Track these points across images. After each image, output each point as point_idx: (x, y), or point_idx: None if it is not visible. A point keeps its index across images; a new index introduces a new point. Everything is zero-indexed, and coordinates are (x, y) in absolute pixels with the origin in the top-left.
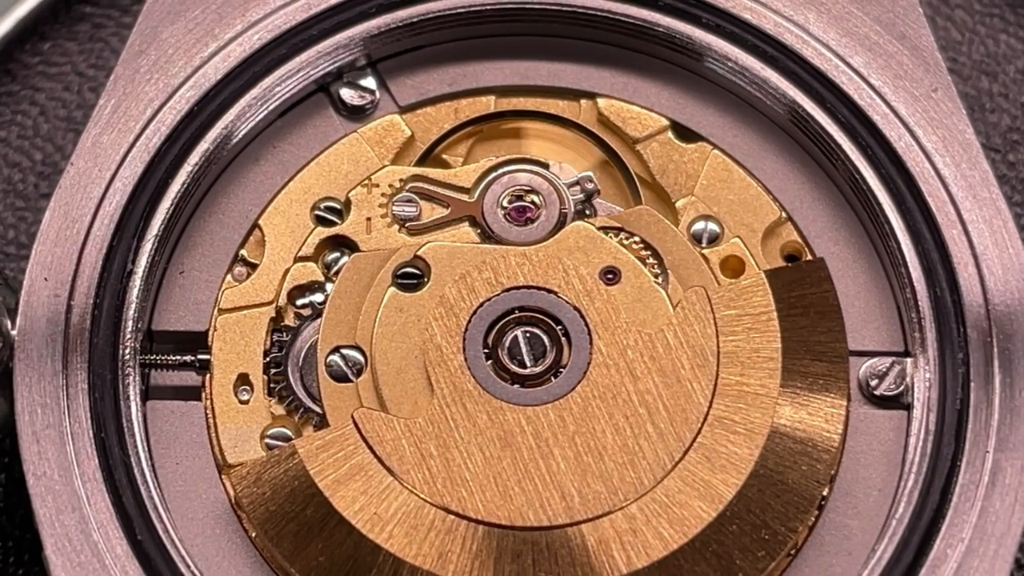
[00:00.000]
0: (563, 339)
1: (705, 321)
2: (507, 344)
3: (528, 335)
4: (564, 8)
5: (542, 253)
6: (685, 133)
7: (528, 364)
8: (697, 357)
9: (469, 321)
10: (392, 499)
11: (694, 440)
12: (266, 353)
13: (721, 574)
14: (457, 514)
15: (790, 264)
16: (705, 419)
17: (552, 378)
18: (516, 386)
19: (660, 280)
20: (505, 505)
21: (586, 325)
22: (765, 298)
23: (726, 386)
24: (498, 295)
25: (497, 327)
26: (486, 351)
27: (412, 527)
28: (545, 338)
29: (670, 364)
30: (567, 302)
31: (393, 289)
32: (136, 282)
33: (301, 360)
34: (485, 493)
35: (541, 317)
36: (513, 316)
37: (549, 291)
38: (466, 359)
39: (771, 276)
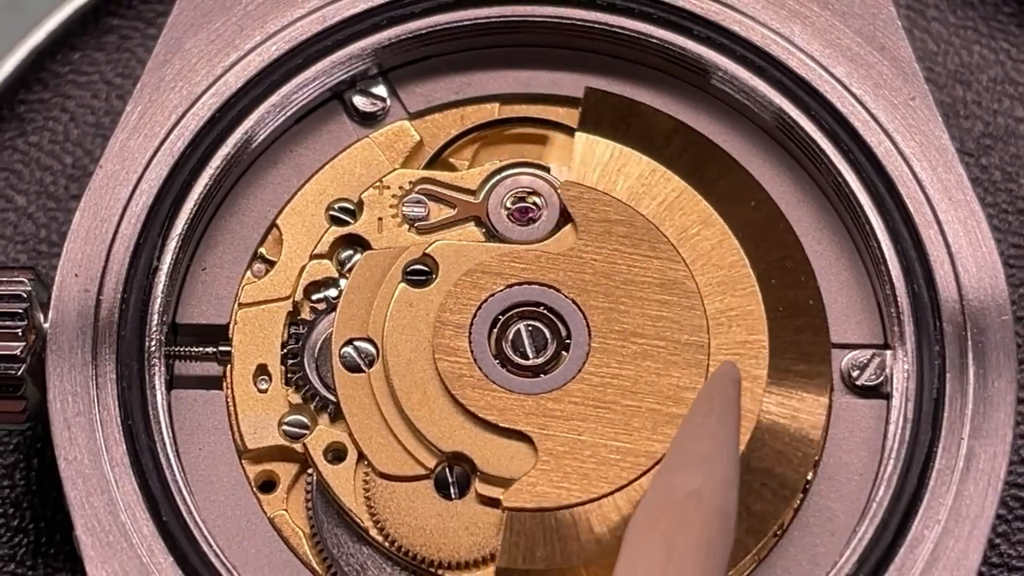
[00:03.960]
0: (563, 332)
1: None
2: (511, 337)
3: (530, 328)
4: (564, 20)
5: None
6: None
7: (531, 356)
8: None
9: (475, 315)
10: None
11: None
12: (283, 345)
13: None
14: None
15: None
16: None
17: (553, 369)
18: (518, 376)
19: None
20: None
21: (585, 318)
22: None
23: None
24: (502, 290)
25: (501, 321)
26: (491, 343)
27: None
28: (546, 331)
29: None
30: (567, 297)
31: (403, 285)
32: (161, 278)
33: (316, 352)
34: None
35: (542, 311)
36: (516, 310)
37: (550, 287)
38: (472, 351)
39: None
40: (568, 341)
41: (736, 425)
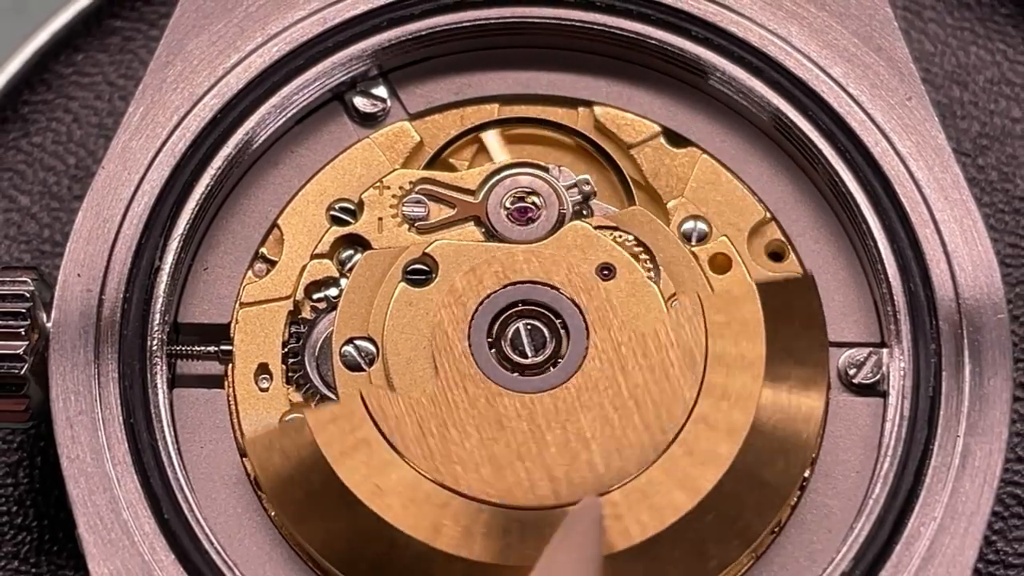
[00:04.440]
0: (562, 332)
1: (696, 325)
2: (509, 335)
3: (529, 327)
4: (563, 22)
5: (542, 251)
6: (676, 139)
7: (529, 354)
8: (686, 357)
9: (474, 313)
10: (392, 472)
11: (678, 435)
12: (284, 344)
13: (728, 535)
14: (451, 489)
15: (779, 278)
16: (690, 415)
17: (550, 368)
18: (515, 374)
19: (653, 276)
20: (496, 484)
21: (583, 319)
22: (754, 306)
23: (712, 387)
24: (501, 289)
25: (500, 319)
26: (489, 341)
27: (409, 499)
28: (545, 330)
29: (660, 361)
30: (566, 297)
31: (403, 284)
32: (163, 278)
33: (317, 351)
34: (480, 472)
35: (541, 310)
36: (515, 309)
37: (549, 286)
38: (470, 347)
39: (761, 288)
40: (562, 357)
41: (597, 566)
